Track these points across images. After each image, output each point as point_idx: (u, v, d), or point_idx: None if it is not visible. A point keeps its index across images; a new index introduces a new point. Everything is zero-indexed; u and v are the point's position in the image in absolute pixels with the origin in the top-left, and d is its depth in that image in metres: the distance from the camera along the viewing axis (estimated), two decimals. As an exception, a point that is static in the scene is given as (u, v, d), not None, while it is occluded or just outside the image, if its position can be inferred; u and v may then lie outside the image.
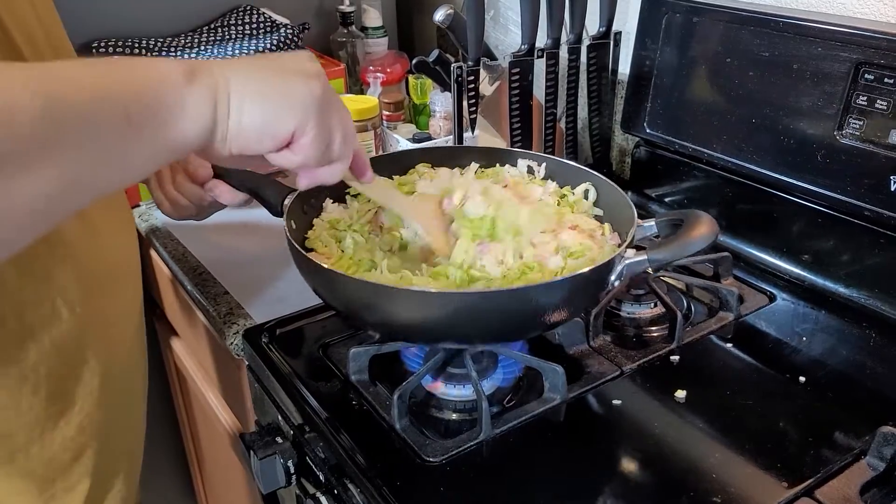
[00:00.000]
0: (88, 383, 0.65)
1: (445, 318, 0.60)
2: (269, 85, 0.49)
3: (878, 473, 0.59)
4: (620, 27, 1.05)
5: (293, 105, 0.49)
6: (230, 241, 1.01)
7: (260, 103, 0.48)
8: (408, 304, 0.60)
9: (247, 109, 0.47)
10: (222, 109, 0.46)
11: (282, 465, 0.71)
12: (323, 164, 0.54)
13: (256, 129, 0.48)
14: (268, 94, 0.48)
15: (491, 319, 0.61)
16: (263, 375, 0.77)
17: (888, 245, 0.79)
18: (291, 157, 0.52)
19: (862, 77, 0.77)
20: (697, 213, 0.67)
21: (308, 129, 0.50)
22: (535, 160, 0.82)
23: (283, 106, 0.49)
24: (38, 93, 0.37)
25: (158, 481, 1.51)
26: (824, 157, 0.82)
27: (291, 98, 0.49)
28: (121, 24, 1.22)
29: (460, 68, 0.94)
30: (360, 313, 0.66)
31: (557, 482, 0.60)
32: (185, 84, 0.45)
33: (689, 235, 0.64)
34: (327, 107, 0.52)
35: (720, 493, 0.58)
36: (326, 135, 0.52)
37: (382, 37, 1.45)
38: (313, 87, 0.50)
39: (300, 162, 0.52)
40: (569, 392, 0.69)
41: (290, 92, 0.49)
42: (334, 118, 0.53)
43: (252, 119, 0.47)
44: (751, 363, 0.75)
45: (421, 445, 0.63)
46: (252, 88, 0.47)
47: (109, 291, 0.68)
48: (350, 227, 0.74)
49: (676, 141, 0.98)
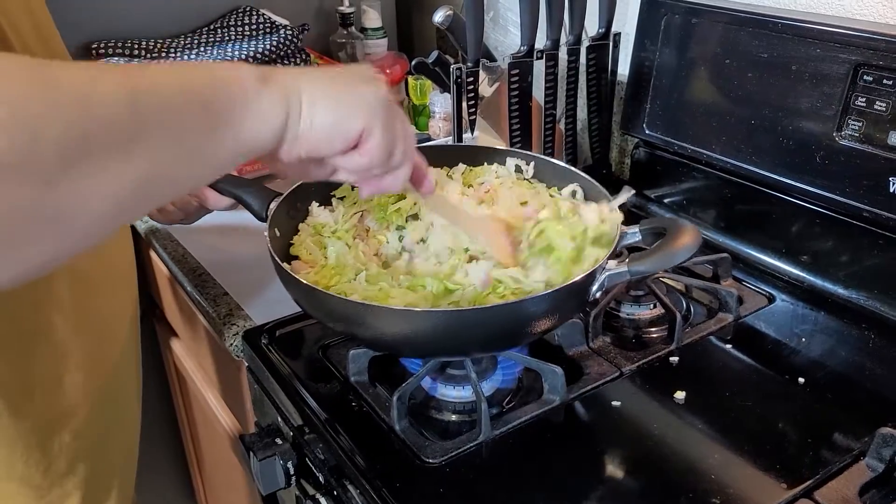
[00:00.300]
0: (82, 386, 0.65)
1: (421, 334, 0.61)
2: (337, 88, 0.50)
3: (877, 474, 0.59)
4: (620, 28, 1.05)
5: (361, 106, 0.51)
6: (230, 242, 1.00)
7: (330, 105, 0.49)
8: (381, 321, 0.60)
9: (318, 110, 0.48)
10: (294, 110, 0.48)
11: (281, 467, 0.71)
12: (386, 170, 0.55)
13: (327, 129, 0.49)
14: (337, 96, 0.50)
15: (466, 335, 0.61)
16: (263, 376, 0.77)
17: (887, 246, 0.80)
18: (359, 159, 0.52)
19: (861, 78, 0.77)
20: (680, 223, 0.66)
21: (375, 130, 0.51)
22: (524, 159, 0.82)
23: (353, 106, 0.50)
24: (126, 85, 0.38)
25: (158, 482, 1.51)
26: (823, 158, 0.82)
27: (360, 99, 0.51)
28: (121, 25, 1.22)
29: (460, 69, 0.94)
30: (338, 326, 0.67)
31: (557, 483, 0.60)
32: (260, 84, 0.46)
33: (671, 247, 0.63)
34: (392, 110, 0.53)
35: (719, 493, 0.58)
36: (392, 138, 0.53)
37: (382, 38, 1.45)
38: (379, 91, 0.52)
39: (367, 165, 0.53)
40: (568, 393, 0.69)
41: (358, 94, 0.51)
42: (398, 123, 0.54)
43: (323, 119, 0.49)
44: (750, 364, 0.75)
45: (420, 447, 0.63)
46: (322, 91, 0.49)
47: (103, 293, 0.68)
48: (334, 232, 0.74)
49: (675, 142, 0.98)
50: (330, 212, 0.77)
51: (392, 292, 0.63)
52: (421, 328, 0.60)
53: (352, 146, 0.52)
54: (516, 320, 0.61)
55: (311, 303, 0.65)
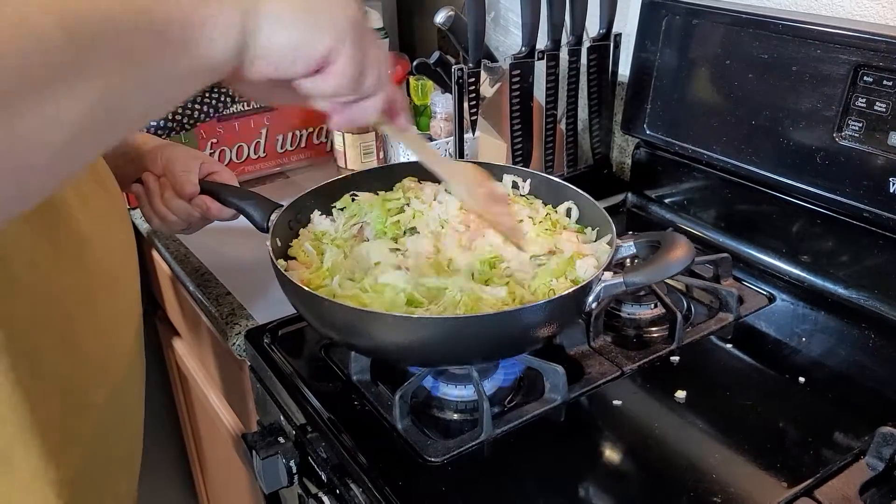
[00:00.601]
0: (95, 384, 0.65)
1: (407, 341, 0.62)
2: (302, 5, 0.45)
3: (877, 473, 0.60)
4: (620, 29, 1.05)
5: (327, 25, 0.46)
6: (232, 241, 1.01)
7: (292, 20, 0.45)
8: (373, 327, 0.61)
9: (277, 28, 0.44)
10: (251, 27, 0.43)
11: (284, 465, 0.71)
12: (357, 97, 0.51)
13: (288, 48, 0.45)
14: (301, 13, 0.45)
15: (456, 343, 0.61)
16: (265, 376, 0.78)
17: (887, 246, 0.80)
18: (324, 83, 0.48)
19: (861, 79, 0.78)
20: (674, 236, 0.67)
21: (342, 52, 0.47)
22: (520, 176, 0.83)
23: (318, 25, 0.46)
24: (56, 10, 0.35)
25: (160, 481, 1.51)
26: (823, 158, 0.82)
27: (326, 18, 0.46)
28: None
29: (461, 70, 0.95)
30: (333, 334, 0.68)
31: (558, 482, 0.60)
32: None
33: (665, 259, 0.65)
34: (363, 33, 0.48)
35: (720, 492, 0.58)
36: (361, 61, 0.48)
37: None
38: (350, 10, 0.47)
39: (332, 89, 0.49)
40: (569, 392, 0.69)
41: (325, 12, 0.46)
42: (370, 47, 0.49)
43: (284, 38, 0.45)
44: (750, 364, 0.75)
45: (422, 445, 0.63)
46: (284, 7, 0.44)
47: (107, 296, 0.69)
48: (333, 240, 0.74)
49: (676, 142, 0.99)
50: (331, 221, 0.78)
51: (363, 297, 0.64)
52: (406, 336, 0.61)
53: (316, 69, 0.47)
54: (510, 329, 0.61)
55: (310, 310, 0.66)
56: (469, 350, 0.63)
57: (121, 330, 0.72)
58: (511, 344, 0.65)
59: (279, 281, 0.66)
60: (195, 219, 0.80)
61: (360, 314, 0.60)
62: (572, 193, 0.79)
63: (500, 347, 0.65)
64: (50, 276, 0.59)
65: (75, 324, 0.62)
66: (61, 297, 0.61)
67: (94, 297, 0.66)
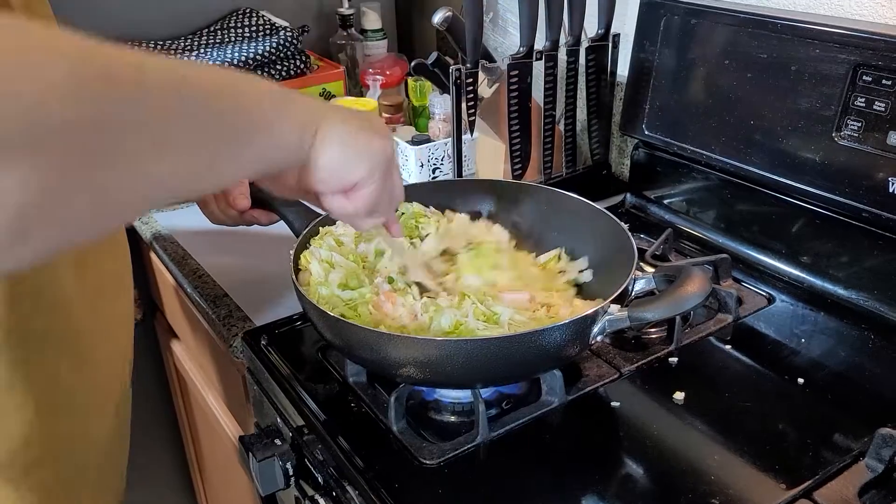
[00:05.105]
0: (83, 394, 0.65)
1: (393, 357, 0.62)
2: (351, 133, 0.51)
3: (876, 475, 0.59)
4: (619, 29, 1.05)
5: (368, 157, 0.52)
6: (230, 244, 1.01)
7: (340, 147, 0.50)
8: (389, 348, 0.61)
9: (327, 149, 0.49)
10: (307, 142, 0.49)
11: (280, 468, 0.71)
12: (364, 217, 0.57)
13: (330, 169, 0.50)
14: (349, 140, 0.51)
15: (448, 364, 0.60)
16: (262, 378, 0.78)
17: (887, 246, 0.79)
18: (346, 204, 0.54)
19: (860, 79, 0.77)
20: (690, 270, 0.64)
21: (370, 182, 0.53)
22: None
23: (360, 155, 0.52)
24: (176, 73, 0.38)
25: (157, 483, 1.51)
26: (822, 158, 0.82)
27: (368, 150, 0.52)
28: (120, 27, 1.23)
29: (459, 70, 0.94)
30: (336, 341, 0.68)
31: (555, 485, 0.60)
32: (281, 107, 0.47)
33: (675, 295, 0.62)
34: (392, 168, 0.55)
35: (719, 494, 0.58)
36: (382, 192, 0.54)
37: (382, 39, 1.45)
38: (387, 147, 0.54)
39: (350, 212, 0.55)
40: (567, 394, 0.69)
41: (368, 144, 0.52)
42: (395, 180, 0.56)
43: (330, 159, 0.50)
44: (750, 365, 0.75)
45: (418, 448, 0.63)
46: (337, 131, 0.50)
47: (106, 300, 0.69)
48: (349, 254, 0.75)
49: (675, 143, 0.98)
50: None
51: (360, 309, 0.65)
52: (394, 353, 0.61)
53: (345, 191, 0.53)
54: (500, 358, 0.60)
55: (327, 326, 0.66)
56: (445, 373, 0.62)
57: (117, 333, 0.73)
58: (499, 375, 0.64)
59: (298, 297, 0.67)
60: (242, 224, 0.88)
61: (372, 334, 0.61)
62: (600, 216, 0.78)
63: (484, 377, 0.64)
64: None
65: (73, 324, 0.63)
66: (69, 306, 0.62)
67: (97, 298, 0.66)
